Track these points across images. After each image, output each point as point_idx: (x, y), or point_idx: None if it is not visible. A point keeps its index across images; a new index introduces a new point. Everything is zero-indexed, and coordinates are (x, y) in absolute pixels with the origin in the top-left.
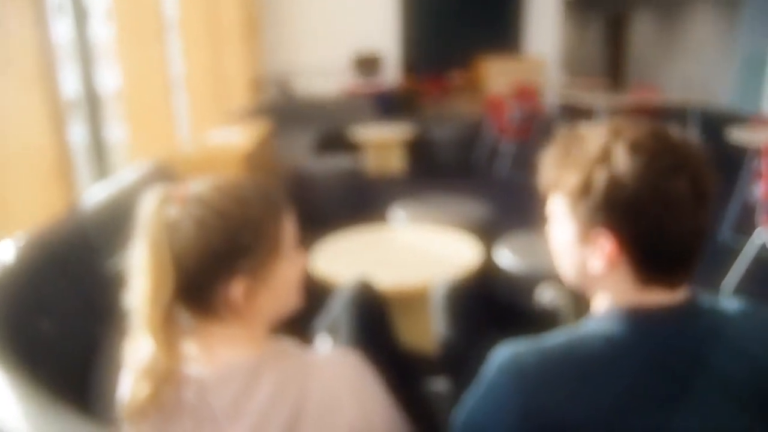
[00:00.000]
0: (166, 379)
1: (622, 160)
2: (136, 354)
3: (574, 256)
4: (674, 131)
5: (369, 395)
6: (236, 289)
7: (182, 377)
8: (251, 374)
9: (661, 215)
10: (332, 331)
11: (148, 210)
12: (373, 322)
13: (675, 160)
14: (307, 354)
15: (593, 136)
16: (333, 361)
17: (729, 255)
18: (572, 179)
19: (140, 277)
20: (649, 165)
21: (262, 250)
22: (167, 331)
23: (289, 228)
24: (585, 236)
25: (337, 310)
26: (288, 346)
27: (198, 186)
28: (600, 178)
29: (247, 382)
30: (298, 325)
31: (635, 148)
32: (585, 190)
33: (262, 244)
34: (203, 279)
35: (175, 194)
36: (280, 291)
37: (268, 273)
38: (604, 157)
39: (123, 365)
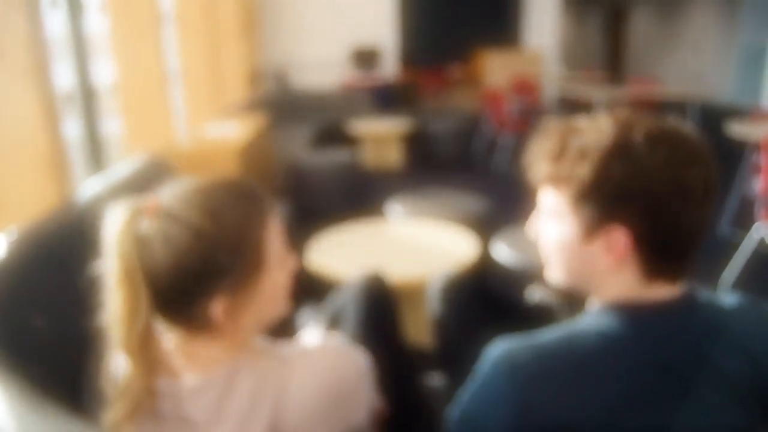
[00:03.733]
0: (144, 396)
1: (643, 153)
2: (115, 369)
3: (574, 253)
4: (682, 124)
5: (351, 386)
6: (216, 307)
7: (162, 388)
8: (229, 378)
9: (680, 208)
10: (333, 323)
11: (117, 225)
12: (381, 316)
13: (690, 152)
14: (286, 350)
15: (598, 128)
16: (313, 356)
17: (728, 249)
18: (582, 173)
19: (113, 296)
20: (669, 157)
21: (243, 267)
22: (144, 350)
23: (274, 232)
24: (591, 232)
25: (342, 301)
26: (265, 344)
27: (170, 197)
28: (618, 171)
29: (225, 386)
30: (290, 320)
31: (654, 140)
32: (600, 183)
33: (242, 261)
34: (179, 299)
35: (146, 207)
36: (267, 301)
37: (251, 288)
38: (621, 149)
39: (105, 378)
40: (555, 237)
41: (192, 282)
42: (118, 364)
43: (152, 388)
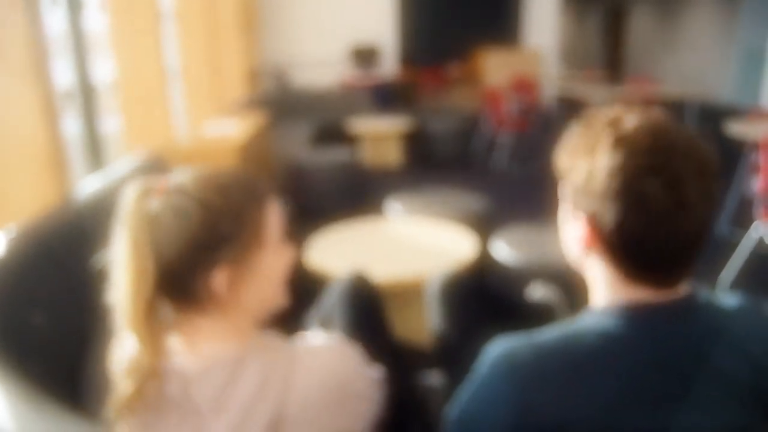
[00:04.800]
0: (150, 375)
1: (602, 155)
2: (121, 351)
3: (566, 233)
4: (675, 128)
5: (357, 389)
6: (219, 278)
7: (166, 371)
8: (235, 367)
9: (629, 214)
10: (325, 324)
11: (127, 204)
12: (368, 315)
13: (656, 160)
14: (294, 346)
15: (591, 125)
16: (320, 353)
17: (726, 249)
18: (564, 164)
19: (121, 273)
20: (626, 163)
21: (245, 238)
22: (150, 328)
23: (273, 218)
24: (571, 218)
25: (330, 302)
26: (273, 338)
27: (178, 177)
28: (581, 169)
29: (230, 375)
30: (291, 318)
31: (618, 143)
32: (569, 175)
33: (244, 232)
34: (185, 269)
35: (156, 187)
36: (265, 282)
37: (251, 262)
38: (591, 148)
39: (109, 362)
40: (560, 218)
41: (197, 252)
42: (125, 345)
43: (159, 369)
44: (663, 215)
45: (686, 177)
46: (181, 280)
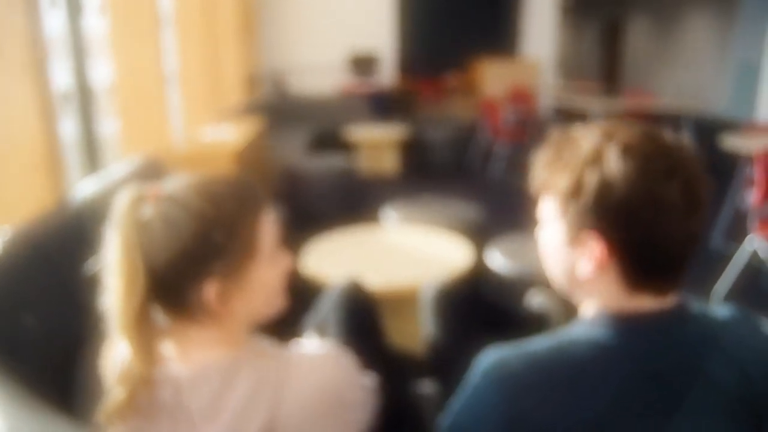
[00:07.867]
0: (142, 382)
1: (614, 163)
2: (113, 357)
3: (563, 258)
4: (669, 135)
5: (350, 397)
6: (209, 290)
7: (158, 378)
8: (227, 374)
9: (652, 220)
10: (320, 331)
11: (120, 209)
12: (362, 322)
13: (668, 164)
14: (287, 353)
15: (585, 138)
16: (314, 361)
17: (720, 262)
18: (563, 181)
19: (113, 277)
20: (642, 169)
21: (236, 251)
22: (142, 333)
23: (268, 228)
24: (574, 239)
25: (325, 309)
26: (266, 345)
27: (172, 184)
28: (591, 181)
29: (222, 382)
30: (287, 324)
31: (628, 150)
32: (575, 192)
33: (236, 244)
34: (175, 280)
35: (149, 193)
36: (258, 293)
37: (243, 274)
38: (596, 159)
39: (101, 367)
40: (547, 241)
41: (188, 262)
42: (117, 351)
43: (151, 375)
44: (681, 216)
45: (696, 175)
46: (172, 289)
